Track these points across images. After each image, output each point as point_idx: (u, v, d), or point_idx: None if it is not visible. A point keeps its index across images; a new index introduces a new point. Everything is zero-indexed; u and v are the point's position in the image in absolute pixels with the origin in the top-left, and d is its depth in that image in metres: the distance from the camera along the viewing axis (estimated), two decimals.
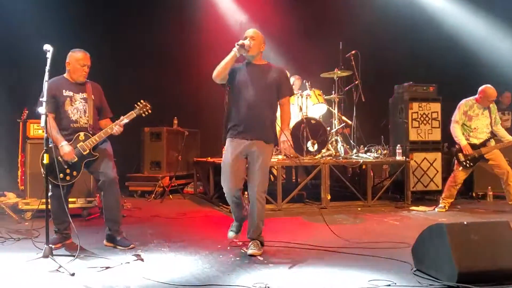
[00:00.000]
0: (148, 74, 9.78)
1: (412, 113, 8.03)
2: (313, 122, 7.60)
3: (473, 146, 6.75)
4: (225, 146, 4.58)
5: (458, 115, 6.88)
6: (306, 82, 8.11)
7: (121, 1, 9.51)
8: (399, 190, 7.85)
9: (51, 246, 4.09)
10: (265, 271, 3.90)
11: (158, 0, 9.84)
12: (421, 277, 3.62)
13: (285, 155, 7.14)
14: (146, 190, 8.72)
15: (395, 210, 7.15)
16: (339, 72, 8.21)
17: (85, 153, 4.61)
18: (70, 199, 5.14)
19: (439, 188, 7.92)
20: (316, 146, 7.49)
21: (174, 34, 9.77)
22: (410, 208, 7.25)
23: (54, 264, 3.85)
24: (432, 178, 7.99)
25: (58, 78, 4.69)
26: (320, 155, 7.52)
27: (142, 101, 4.80)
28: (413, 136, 8.02)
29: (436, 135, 8.13)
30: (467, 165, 6.76)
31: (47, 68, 4.14)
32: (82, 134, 4.65)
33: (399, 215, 6.70)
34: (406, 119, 8.01)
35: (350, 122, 8.36)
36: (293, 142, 4.68)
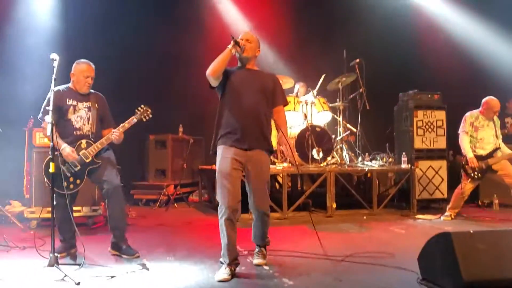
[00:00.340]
0: (153, 81, 9.82)
1: (417, 121, 8.00)
2: (318, 129, 7.60)
3: (479, 157, 6.72)
4: (218, 154, 4.17)
5: (466, 126, 6.85)
6: (311, 90, 8.11)
7: (127, 8, 9.55)
8: (405, 198, 7.82)
9: (57, 255, 4.09)
10: (270, 281, 3.89)
11: (164, 8, 9.91)
12: (427, 286, 3.60)
13: (290, 163, 7.14)
14: (151, 198, 8.71)
15: (401, 218, 7.12)
16: (344, 78, 8.21)
17: (87, 160, 4.62)
18: (75, 208, 5.14)
19: (445, 196, 7.89)
20: (321, 154, 7.48)
21: (180, 42, 9.81)
22: (416, 216, 7.21)
23: (60, 273, 3.85)
24: (437, 186, 7.95)
25: (62, 87, 4.72)
26: (325, 163, 7.51)
27: (142, 106, 4.81)
28: (418, 144, 7.98)
29: (441, 143, 8.09)
30: (475, 176, 6.71)
31: (53, 77, 4.16)
32: (84, 141, 4.66)
33: (405, 224, 6.67)
34: (411, 127, 7.99)
35: (355, 129, 8.36)
36: (298, 150, 4.58)
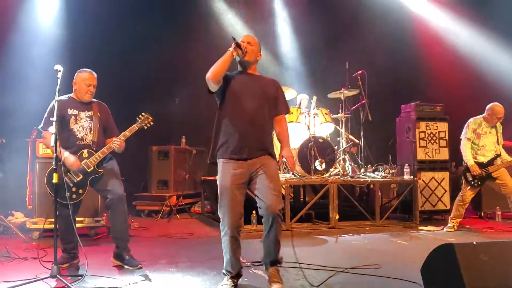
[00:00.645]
0: (156, 92, 9.86)
1: (419, 132, 8.02)
2: (320, 141, 7.60)
3: (480, 164, 6.73)
4: (218, 169, 3.96)
5: (468, 133, 6.86)
6: (313, 101, 8.13)
7: (130, 18, 9.62)
8: (407, 210, 7.80)
9: (59, 265, 4.08)
10: None
11: (167, 18, 9.97)
12: None
13: (293, 174, 7.15)
14: (153, 209, 8.71)
15: (404, 230, 7.10)
16: (346, 92, 8.24)
17: (89, 170, 4.64)
18: (77, 219, 5.16)
19: (447, 207, 7.88)
20: (324, 165, 7.48)
21: (183, 51, 9.87)
22: (419, 228, 7.20)
23: (62, 284, 3.84)
24: (440, 198, 7.94)
25: (64, 97, 4.74)
26: (328, 174, 7.51)
27: (143, 113, 4.82)
28: (420, 155, 8.00)
29: (443, 155, 8.10)
30: (475, 184, 6.73)
31: (57, 88, 4.18)
32: (85, 151, 4.68)
33: (408, 235, 6.65)
34: (414, 139, 8.00)
35: (357, 141, 8.36)
36: (301, 161, 4.43)
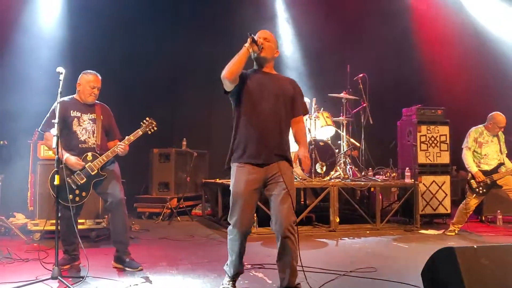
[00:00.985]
0: (158, 94, 9.89)
1: (420, 136, 8.02)
2: (321, 144, 7.61)
3: (484, 172, 6.71)
4: (232, 173, 3.81)
5: (469, 142, 6.87)
6: (315, 104, 8.14)
7: (132, 23, 9.65)
8: (408, 213, 7.81)
9: (60, 267, 4.09)
10: None
11: (170, 22, 10.00)
12: None
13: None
14: (154, 211, 8.72)
15: (404, 233, 7.10)
16: (347, 96, 8.25)
17: (93, 173, 4.64)
18: (79, 220, 5.16)
19: (448, 211, 7.88)
20: (324, 168, 7.48)
21: (186, 54, 9.89)
22: (419, 231, 7.20)
23: (63, 285, 3.85)
24: (441, 201, 7.94)
25: (67, 99, 4.74)
26: (328, 177, 7.51)
27: (147, 118, 4.83)
28: (421, 159, 8.00)
29: (444, 158, 8.10)
30: (480, 191, 6.71)
31: (59, 90, 4.19)
32: (90, 154, 4.68)
33: (408, 239, 6.65)
34: (415, 142, 8.01)
35: (358, 144, 8.37)
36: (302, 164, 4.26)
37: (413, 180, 7.65)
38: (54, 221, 4.28)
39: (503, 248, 3.80)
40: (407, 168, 7.83)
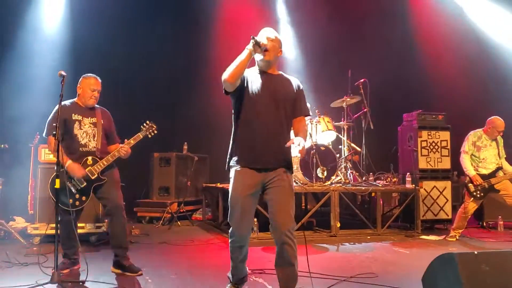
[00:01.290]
0: (158, 99, 9.89)
1: (421, 141, 8.01)
2: (322, 148, 7.59)
3: (482, 176, 6.72)
4: (231, 177, 3.77)
5: (467, 146, 6.88)
6: (316, 109, 8.14)
7: (134, 27, 9.66)
8: (409, 219, 7.79)
9: (59, 271, 4.08)
10: None
11: (172, 25, 10.01)
12: None
13: (294, 181, 7.12)
14: (154, 216, 8.70)
15: (405, 238, 7.09)
16: (348, 99, 8.26)
17: (93, 177, 4.64)
18: (78, 224, 5.16)
19: (449, 217, 7.86)
20: (325, 173, 7.47)
21: (187, 59, 9.89)
22: (420, 237, 7.19)
23: None
24: (442, 207, 7.92)
25: (68, 102, 4.75)
26: (329, 182, 7.50)
27: (148, 122, 4.84)
28: (422, 164, 7.98)
29: (445, 164, 8.08)
30: (478, 195, 6.71)
31: (61, 93, 4.20)
32: (90, 158, 4.68)
33: (409, 244, 6.64)
34: (416, 147, 7.99)
35: (359, 149, 8.36)
36: (303, 169, 4.23)
37: (414, 185, 7.64)
38: (54, 225, 4.27)
39: (504, 254, 3.78)
40: (408, 173, 7.82)
